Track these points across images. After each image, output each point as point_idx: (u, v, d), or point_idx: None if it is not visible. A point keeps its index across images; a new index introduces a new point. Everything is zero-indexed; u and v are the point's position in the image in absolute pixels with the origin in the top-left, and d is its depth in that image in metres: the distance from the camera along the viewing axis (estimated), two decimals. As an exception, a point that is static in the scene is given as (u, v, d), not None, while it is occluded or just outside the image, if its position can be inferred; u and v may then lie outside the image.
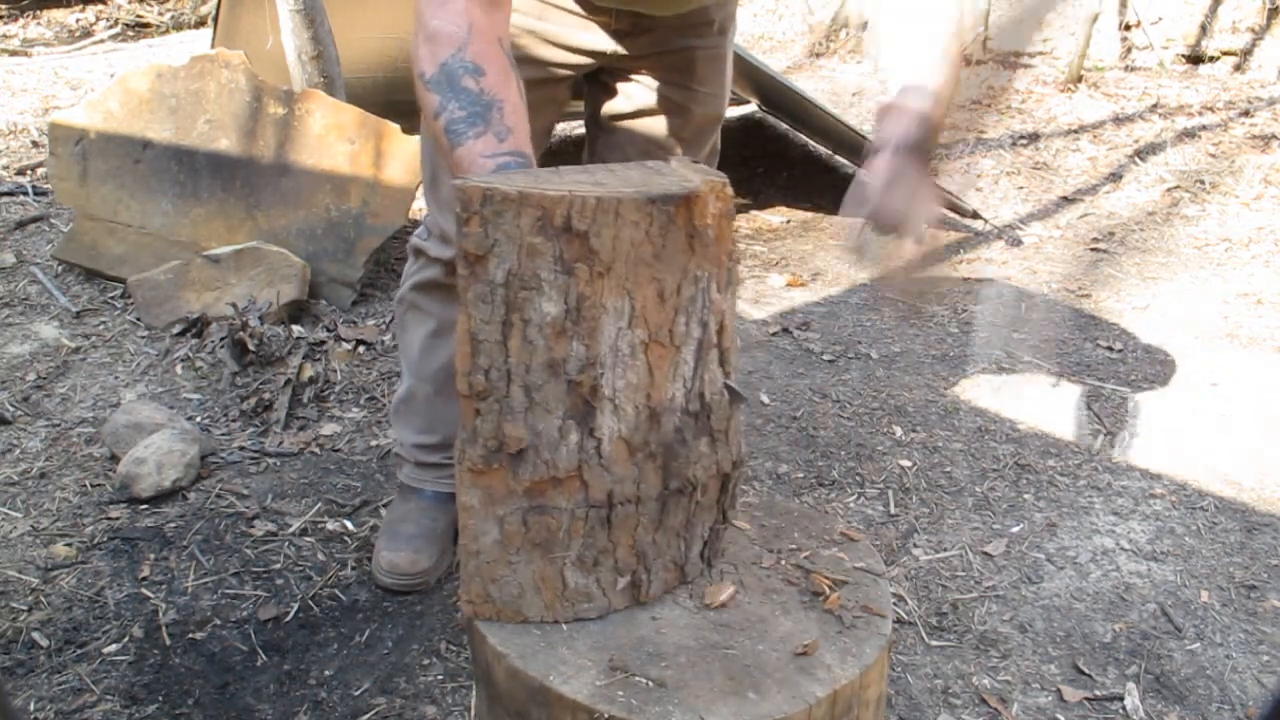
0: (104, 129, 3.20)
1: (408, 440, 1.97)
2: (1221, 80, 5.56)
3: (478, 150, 1.11)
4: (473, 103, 1.13)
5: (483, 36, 1.16)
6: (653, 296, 0.93)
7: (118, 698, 1.68)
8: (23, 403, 2.57)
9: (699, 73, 1.71)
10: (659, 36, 1.64)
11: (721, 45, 1.73)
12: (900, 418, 2.59)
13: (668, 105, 1.73)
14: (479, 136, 1.11)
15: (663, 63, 1.69)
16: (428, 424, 1.94)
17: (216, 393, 2.61)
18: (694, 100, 1.74)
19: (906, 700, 1.71)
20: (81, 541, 2.06)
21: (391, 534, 1.94)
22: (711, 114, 1.79)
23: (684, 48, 1.67)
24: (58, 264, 3.25)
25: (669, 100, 1.73)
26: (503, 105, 1.14)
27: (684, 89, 1.72)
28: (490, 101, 1.13)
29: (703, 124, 1.79)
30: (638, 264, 0.92)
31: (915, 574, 2.02)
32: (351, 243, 3.06)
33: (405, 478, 2.01)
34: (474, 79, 1.14)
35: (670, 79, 1.71)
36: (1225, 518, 2.22)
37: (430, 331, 1.86)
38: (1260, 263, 3.61)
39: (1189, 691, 1.76)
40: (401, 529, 1.93)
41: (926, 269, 1.21)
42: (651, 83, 1.72)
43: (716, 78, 1.75)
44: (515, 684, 0.89)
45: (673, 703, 0.84)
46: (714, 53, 1.72)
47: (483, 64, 1.15)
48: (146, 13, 7.67)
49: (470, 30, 1.16)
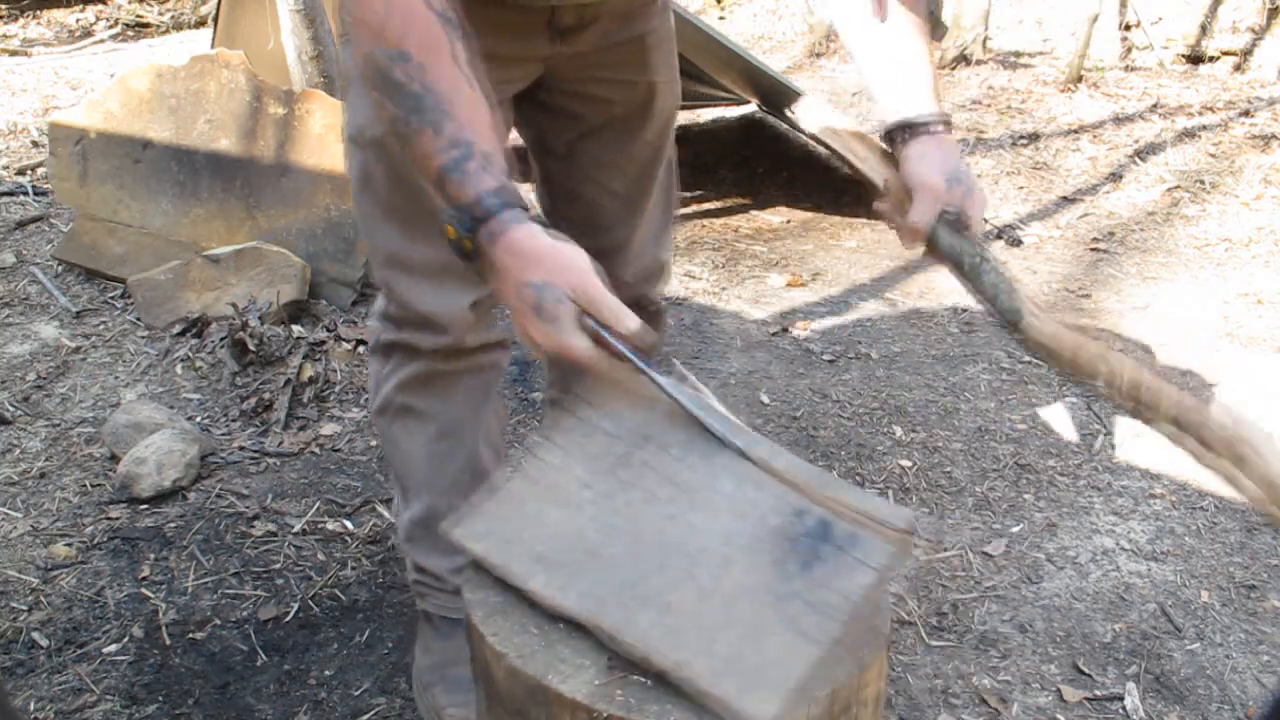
0: (104, 129, 3.20)
1: (440, 568, 1.62)
2: (1221, 80, 5.56)
3: (421, 152, 1.03)
4: (404, 95, 1.02)
5: (403, 9, 1.03)
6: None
7: (118, 698, 1.68)
8: (23, 403, 2.57)
9: (654, 61, 1.51)
10: (603, 29, 1.42)
11: (667, 24, 1.54)
12: (900, 418, 2.59)
13: (626, 109, 1.53)
14: (418, 134, 1.02)
15: (612, 58, 1.47)
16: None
17: (216, 393, 2.61)
18: (654, 94, 1.53)
19: (906, 700, 1.71)
20: (81, 541, 2.06)
21: (447, 680, 1.61)
22: (672, 105, 1.59)
23: (633, 36, 1.46)
24: (58, 264, 3.25)
25: (626, 103, 1.52)
26: (435, 89, 1.02)
27: (637, 84, 1.51)
28: (423, 89, 1.02)
29: (667, 119, 1.59)
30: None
31: (915, 574, 2.02)
32: (352, 243, 3.06)
33: (441, 609, 1.65)
34: (400, 68, 1.02)
35: (624, 76, 1.49)
36: (1225, 518, 2.22)
37: (434, 436, 1.56)
38: (1260, 263, 3.60)
39: (1189, 691, 1.76)
40: (456, 672, 1.59)
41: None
42: (598, 89, 1.50)
43: (668, 60, 1.55)
44: (514, 683, 0.89)
45: (671, 701, 0.84)
46: (662, 34, 1.52)
47: (405, 45, 1.02)
48: (146, 13, 7.67)
49: (388, 9, 1.03)
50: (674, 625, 0.87)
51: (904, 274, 3.52)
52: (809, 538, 0.92)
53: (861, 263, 3.61)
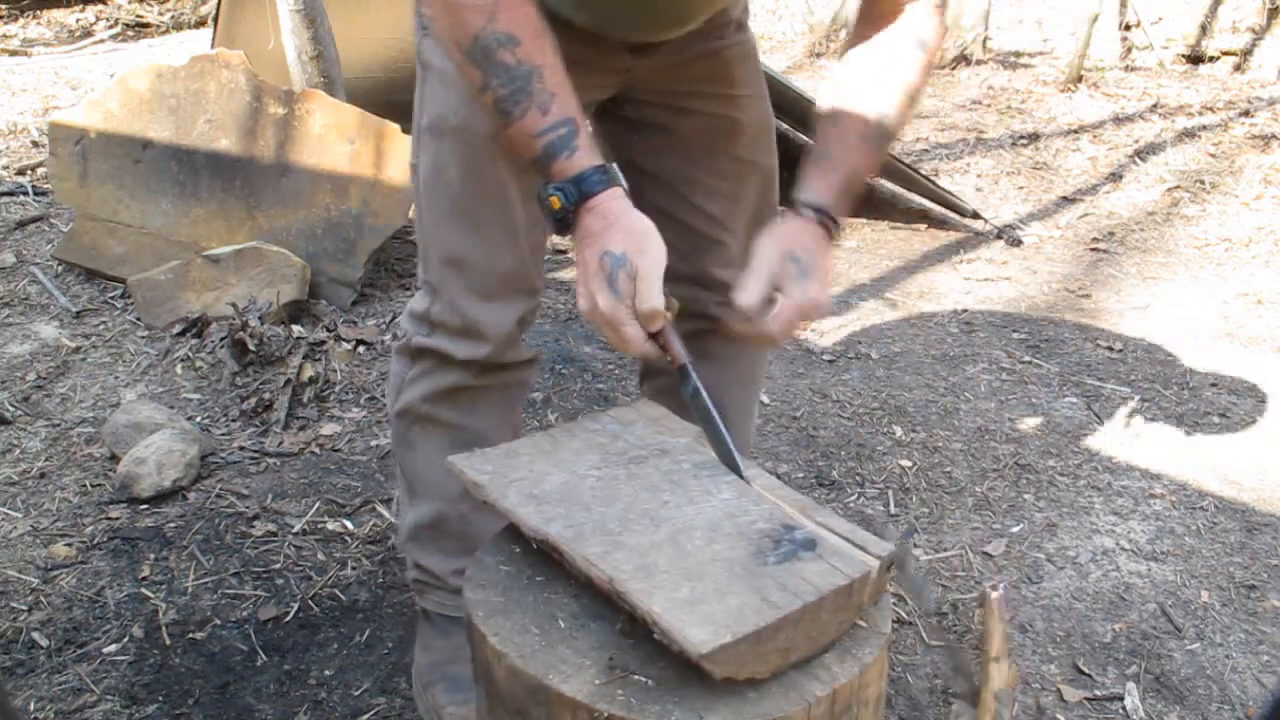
0: (104, 129, 3.20)
1: (442, 568, 1.62)
2: (1221, 80, 5.56)
3: (525, 130, 1.10)
4: (512, 77, 1.10)
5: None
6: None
7: (118, 698, 1.68)
8: (23, 403, 2.57)
9: (735, 74, 1.49)
10: (679, 44, 1.42)
11: (747, 41, 1.52)
12: (900, 418, 2.59)
13: (710, 122, 1.50)
14: (524, 114, 1.10)
15: (690, 72, 1.46)
16: (468, 546, 1.59)
17: (216, 393, 2.61)
18: (738, 108, 1.50)
19: (906, 700, 1.72)
20: (81, 541, 2.06)
21: (448, 679, 1.61)
22: (761, 120, 1.55)
23: (711, 50, 1.46)
24: (58, 264, 3.25)
25: (710, 116, 1.49)
26: (541, 71, 1.10)
27: (723, 97, 1.49)
28: (529, 71, 1.10)
29: (757, 135, 1.54)
30: None
31: (915, 574, 2.02)
32: (351, 243, 3.06)
33: (441, 607, 1.65)
34: (510, 51, 1.10)
35: (703, 89, 1.48)
36: (1225, 518, 2.22)
37: (454, 445, 1.49)
38: (1260, 263, 3.61)
39: (1189, 691, 1.76)
40: (456, 671, 1.60)
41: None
42: (682, 100, 1.49)
43: (754, 77, 1.53)
44: (515, 683, 0.89)
45: (672, 701, 0.84)
46: (744, 49, 1.50)
47: (515, 31, 1.10)
48: (146, 13, 7.67)
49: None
50: (646, 567, 0.91)
51: (904, 274, 3.52)
52: (793, 543, 0.94)
53: (861, 263, 3.61)
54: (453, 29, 1.13)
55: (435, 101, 1.41)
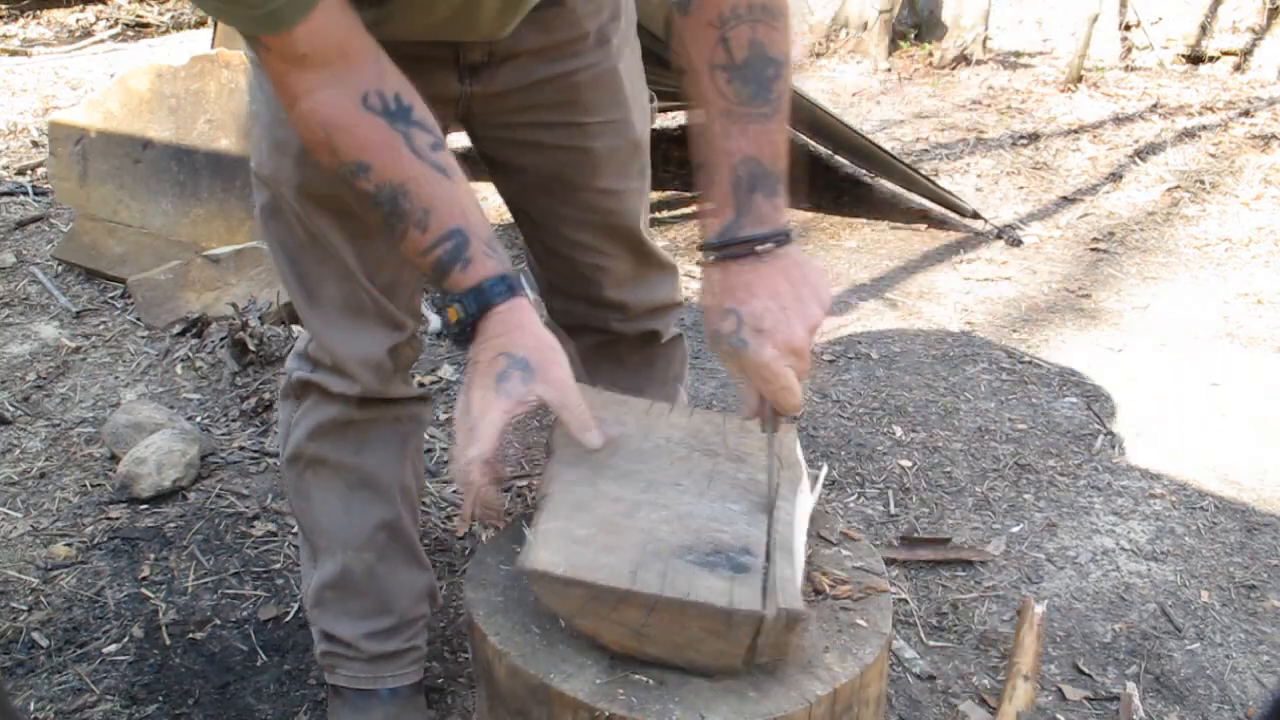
0: (104, 129, 3.20)
1: (350, 633, 1.51)
2: (1221, 80, 5.56)
3: (412, 249, 1.03)
4: (377, 202, 1.02)
5: (343, 124, 1.01)
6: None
7: (118, 698, 1.68)
8: (23, 403, 2.57)
9: (588, 101, 1.34)
10: (522, 66, 1.29)
11: (608, 58, 1.35)
12: (900, 418, 2.59)
13: (562, 156, 1.38)
14: (404, 236, 1.02)
15: (537, 98, 1.32)
16: (379, 604, 1.50)
17: (216, 393, 2.61)
18: (593, 137, 1.37)
19: (906, 700, 1.71)
20: (81, 541, 2.06)
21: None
22: (623, 144, 1.40)
23: (557, 74, 1.31)
24: (58, 264, 3.25)
25: (560, 149, 1.37)
26: (405, 188, 1.01)
27: (573, 127, 1.35)
28: (392, 194, 1.01)
29: (618, 160, 1.41)
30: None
31: (915, 574, 2.02)
32: (351, 243, 3.06)
33: (352, 681, 1.53)
34: (364, 178, 1.02)
35: (552, 119, 1.34)
36: (1225, 518, 2.22)
37: (348, 487, 1.46)
38: (1260, 263, 3.61)
39: (1189, 691, 1.76)
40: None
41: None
42: (530, 133, 1.36)
43: (613, 99, 1.37)
44: (516, 682, 0.89)
45: (673, 701, 0.84)
46: (599, 70, 1.34)
47: (362, 157, 1.01)
48: (146, 13, 7.67)
49: (328, 130, 1.01)
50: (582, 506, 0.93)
51: (904, 274, 3.52)
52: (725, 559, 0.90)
53: (861, 263, 3.61)
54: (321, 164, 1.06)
55: (254, 147, 1.36)
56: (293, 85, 1.01)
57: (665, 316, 1.61)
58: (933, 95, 5.38)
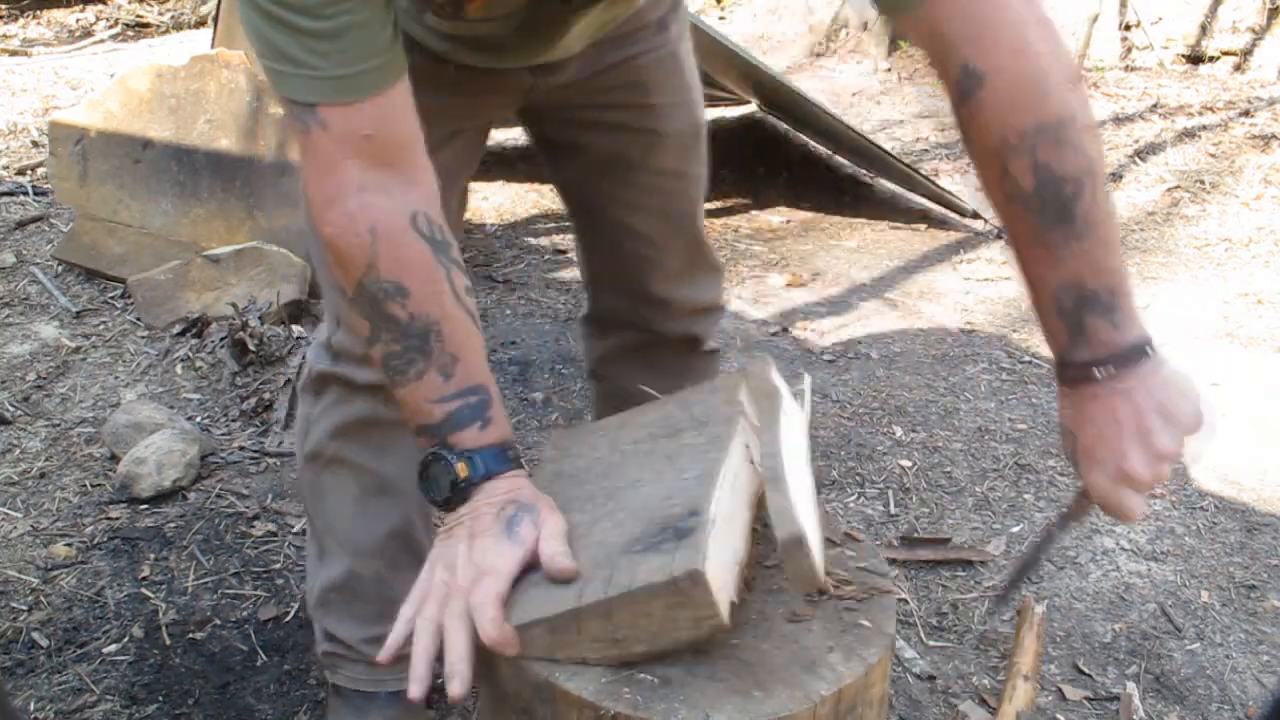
0: (104, 129, 3.20)
1: (352, 636, 1.49)
2: (1221, 80, 5.56)
3: (422, 395, 0.96)
4: (404, 334, 0.95)
5: (392, 239, 0.95)
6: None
7: (118, 698, 1.68)
8: (23, 403, 2.57)
9: (652, 82, 1.38)
10: (584, 59, 1.31)
11: (668, 43, 1.39)
12: (900, 418, 2.59)
13: (626, 137, 1.40)
14: (420, 376, 0.95)
15: (603, 82, 1.35)
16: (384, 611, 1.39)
17: (216, 393, 2.61)
18: (657, 119, 1.40)
19: (906, 700, 1.72)
20: (81, 541, 2.06)
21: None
22: (686, 128, 1.44)
23: (624, 59, 1.35)
24: (58, 264, 3.25)
25: (625, 130, 1.40)
26: (439, 328, 0.95)
27: (640, 108, 1.39)
28: (424, 328, 0.95)
29: (682, 144, 1.45)
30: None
31: (915, 574, 2.03)
32: (352, 243, 3.05)
33: (353, 682, 1.52)
34: (399, 304, 0.94)
35: (619, 100, 1.37)
36: (1225, 518, 2.22)
37: (362, 490, 1.43)
38: (1260, 263, 3.61)
39: (1189, 691, 1.76)
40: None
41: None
42: (595, 114, 1.39)
43: (676, 83, 1.41)
44: (519, 681, 0.89)
45: (678, 699, 0.84)
46: (662, 54, 1.38)
47: (403, 279, 0.94)
48: (146, 13, 7.66)
49: (375, 237, 0.94)
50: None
51: (904, 274, 3.52)
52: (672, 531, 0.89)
53: (861, 263, 3.61)
54: (336, 263, 0.98)
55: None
56: (343, 177, 0.94)
57: (707, 320, 1.62)
58: (933, 95, 5.38)
